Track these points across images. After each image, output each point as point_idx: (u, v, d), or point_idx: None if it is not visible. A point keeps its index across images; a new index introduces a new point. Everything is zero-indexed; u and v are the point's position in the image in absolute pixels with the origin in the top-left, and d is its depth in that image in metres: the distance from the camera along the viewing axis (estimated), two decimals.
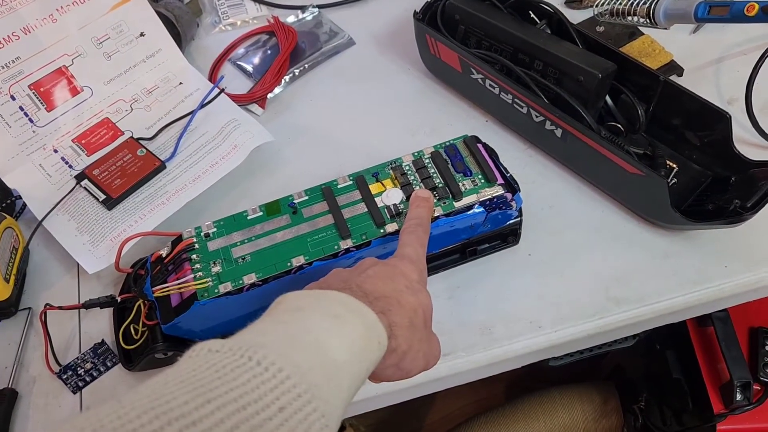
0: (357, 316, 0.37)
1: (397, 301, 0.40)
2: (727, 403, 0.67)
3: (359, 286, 0.40)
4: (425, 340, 0.42)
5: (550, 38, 0.63)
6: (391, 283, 0.41)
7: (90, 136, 0.64)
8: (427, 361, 0.43)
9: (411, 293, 0.41)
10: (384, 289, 0.40)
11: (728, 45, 0.71)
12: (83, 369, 0.54)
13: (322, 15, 0.78)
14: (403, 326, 0.39)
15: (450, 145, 0.56)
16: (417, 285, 0.42)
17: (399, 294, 0.40)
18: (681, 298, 0.56)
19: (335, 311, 0.36)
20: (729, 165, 0.58)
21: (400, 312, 0.39)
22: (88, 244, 0.58)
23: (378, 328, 0.37)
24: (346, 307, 0.37)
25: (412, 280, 0.42)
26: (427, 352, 0.42)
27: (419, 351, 0.41)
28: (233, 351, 0.30)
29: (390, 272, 0.42)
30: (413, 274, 0.43)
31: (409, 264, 0.44)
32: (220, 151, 0.62)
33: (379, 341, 0.37)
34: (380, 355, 0.37)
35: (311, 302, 0.37)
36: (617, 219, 0.60)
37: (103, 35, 0.66)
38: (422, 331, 0.41)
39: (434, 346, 0.44)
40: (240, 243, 0.52)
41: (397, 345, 0.39)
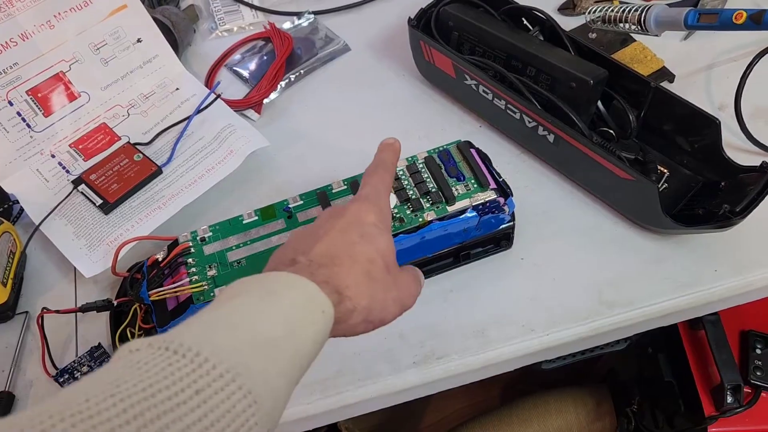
0: (294, 289, 0.36)
1: (349, 256, 0.39)
2: (718, 406, 0.68)
3: (305, 253, 0.39)
4: (392, 285, 0.41)
5: (542, 45, 0.63)
6: (342, 237, 0.40)
7: (87, 141, 0.65)
8: (401, 303, 0.42)
9: (365, 242, 0.40)
10: (333, 248, 0.39)
11: (719, 52, 0.72)
12: (80, 372, 0.55)
13: (317, 21, 0.79)
14: (357, 284, 0.38)
15: (443, 150, 0.57)
16: (373, 229, 0.41)
17: (351, 247, 0.40)
18: (672, 302, 0.56)
19: (270, 288, 0.36)
20: (719, 170, 0.59)
21: (353, 269, 0.39)
22: (84, 249, 0.58)
23: (319, 298, 0.36)
24: (282, 283, 0.36)
25: (367, 225, 0.41)
26: (397, 295, 0.41)
27: (386, 299, 0.40)
28: (152, 346, 0.30)
29: (343, 224, 0.41)
30: (369, 215, 0.42)
31: (365, 204, 0.43)
32: (216, 156, 0.63)
33: (322, 310, 0.36)
34: (328, 323, 0.36)
35: (248, 286, 0.36)
36: (609, 223, 0.61)
37: (101, 41, 0.66)
38: (384, 279, 0.40)
39: (406, 287, 0.43)
40: (235, 247, 0.52)
41: (355, 304, 0.38)
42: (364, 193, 0.44)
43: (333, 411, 0.54)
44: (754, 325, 0.73)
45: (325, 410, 0.53)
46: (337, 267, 0.38)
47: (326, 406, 0.53)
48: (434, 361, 0.54)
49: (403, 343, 0.55)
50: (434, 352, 0.55)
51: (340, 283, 0.38)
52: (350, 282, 0.38)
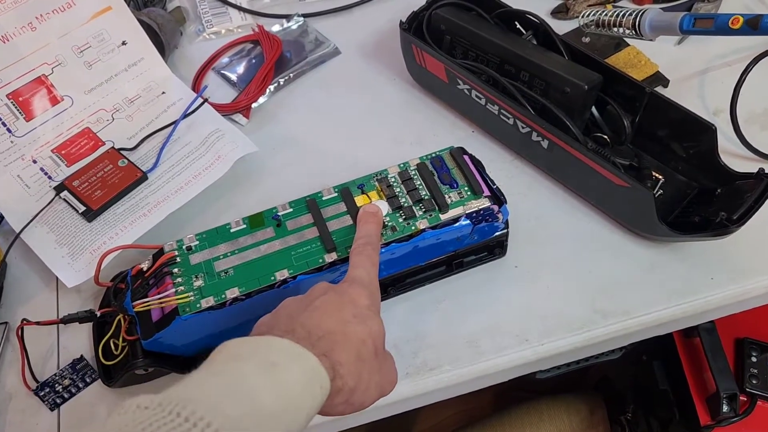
0: (296, 362, 0.36)
1: (344, 334, 0.39)
2: (714, 415, 0.67)
3: (303, 324, 0.39)
4: (376, 370, 0.41)
5: (536, 49, 0.62)
6: (338, 314, 0.40)
7: (70, 147, 0.63)
8: (381, 390, 0.42)
9: (359, 322, 0.40)
10: (329, 322, 0.39)
11: (713, 56, 0.72)
12: (61, 385, 0.53)
13: (307, 24, 0.78)
14: (349, 363, 0.38)
15: (436, 156, 0.56)
16: (366, 311, 0.41)
17: (345, 326, 0.40)
18: (667, 311, 0.55)
19: (273, 359, 0.35)
20: (715, 177, 0.58)
21: (346, 347, 0.39)
22: (67, 257, 0.57)
23: (319, 373, 0.36)
24: (284, 354, 0.36)
25: (361, 307, 0.42)
26: (379, 381, 0.41)
27: (369, 382, 0.40)
28: (162, 407, 0.30)
29: (338, 301, 0.41)
30: (363, 299, 0.42)
31: (359, 288, 0.43)
32: (203, 161, 0.61)
33: (320, 386, 0.36)
34: (322, 399, 0.36)
35: (249, 350, 0.36)
36: (604, 230, 0.60)
37: (84, 44, 0.64)
38: (372, 362, 0.40)
39: (388, 373, 0.43)
40: (223, 256, 0.51)
41: (344, 384, 0.38)
42: (357, 276, 0.44)
43: (325, 424, 0.52)
44: (750, 332, 0.73)
45: (317, 423, 0.52)
46: (332, 342, 0.38)
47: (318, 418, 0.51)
48: (426, 373, 0.53)
49: (396, 354, 0.53)
50: (426, 363, 0.53)
51: (336, 358, 0.38)
52: (344, 359, 0.38)
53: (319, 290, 0.43)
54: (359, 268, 0.45)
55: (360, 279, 0.44)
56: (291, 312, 0.41)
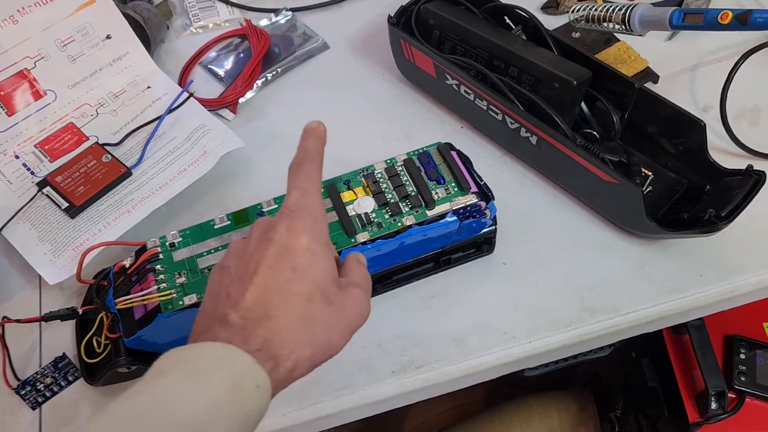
0: (222, 365, 0.33)
1: (284, 301, 0.36)
2: (702, 412, 0.67)
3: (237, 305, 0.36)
4: (336, 318, 0.37)
5: (525, 44, 0.62)
6: (273, 276, 0.36)
7: (53, 142, 0.62)
8: (350, 330, 0.38)
9: (299, 277, 0.36)
10: (266, 292, 0.36)
11: (704, 52, 0.71)
12: (43, 384, 0.52)
13: (295, 18, 0.77)
14: (296, 336, 0.35)
15: (423, 152, 0.55)
16: (305, 257, 0.37)
17: (285, 288, 0.36)
18: (656, 308, 0.55)
19: (198, 366, 0.33)
20: (704, 173, 0.58)
21: (289, 318, 0.35)
22: (49, 254, 0.56)
23: (252, 372, 0.33)
24: (209, 359, 0.34)
25: (299, 252, 0.37)
26: (344, 326, 0.38)
27: (331, 336, 0.37)
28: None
29: (273, 256, 0.37)
30: (300, 237, 0.37)
31: (294, 220, 0.38)
32: (188, 157, 0.61)
33: (257, 385, 0.33)
34: (264, 395, 0.34)
35: (174, 362, 0.34)
36: (593, 227, 0.59)
37: (68, 37, 0.64)
38: (326, 315, 0.37)
39: (351, 311, 0.38)
40: (206, 253, 0.50)
41: (295, 360, 0.35)
42: (291, 203, 0.39)
43: (309, 422, 0.52)
44: (739, 329, 0.72)
45: (301, 422, 0.51)
46: (272, 321, 0.35)
47: (301, 417, 0.51)
48: (413, 371, 0.53)
49: (382, 352, 0.53)
50: (413, 361, 0.53)
51: (276, 342, 0.35)
52: (287, 337, 0.35)
53: (256, 236, 0.39)
54: (294, 191, 0.40)
55: (294, 207, 0.39)
56: (231, 281, 0.37)
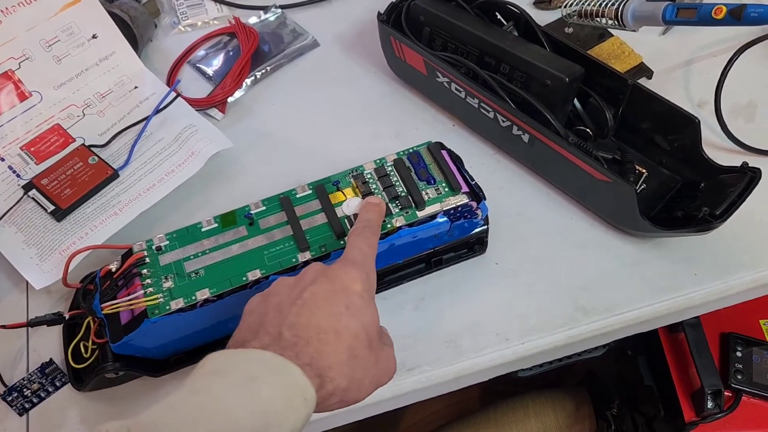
0: (276, 374, 0.35)
1: (335, 332, 0.38)
2: (699, 411, 0.66)
3: (291, 325, 0.37)
4: (371, 364, 0.39)
5: (517, 41, 0.61)
6: (328, 307, 0.39)
7: (39, 144, 0.61)
8: (377, 382, 0.40)
9: (351, 315, 0.39)
10: (319, 319, 0.38)
11: (698, 47, 0.70)
12: (30, 390, 0.52)
13: (285, 15, 0.76)
14: (340, 364, 0.37)
15: (413, 151, 0.55)
16: (359, 300, 0.40)
17: (337, 321, 0.38)
18: (650, 308, 0.54)
19: (252, 373, 0.35)
20: (698, 170, 0.57)
21: (337, 348, 0.37)
22: (35, 258, 0.55)
23: (301, 385, 0.35)
24: (264, 367, 0.35)
25: (354, 295, 0.40)
26: (375, 374, 0.40)
27: (364, 379, 0.39)
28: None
29: (329, 290, 0.40)
30: (356, 284, 0.40)
31: (352, 270, 0.41)
32: (176, 158, 0.60)
33: (304, 398, 0.35)
34: (308, 411, 0.35)
35: (228, 364, 0.36)
36: (586, 226, 0.59)
37: (53, 38, 0.63)
38: (366, 357, 0.39)
39: (384, 364, 0.41)
40: (193, 256, 0.49)
41: (335, 387, 0.37)
42: (351, 257, 0.43)
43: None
44: (735, 327, 0.72)
45: None
46: (321, 344, 0.37)
47: None
48: (405, 373, 0.52)
49: None
50: (404, 363, 0.52)
51: (323, 364, 0.36)
52: (333, 362, 0.37)
53: (311, 275, 0.41)
54: (354, 248, 0.43)
55: (354, 259, 0.42)
56: (281, 303, 0.39)
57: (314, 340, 0.37)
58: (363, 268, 0.42)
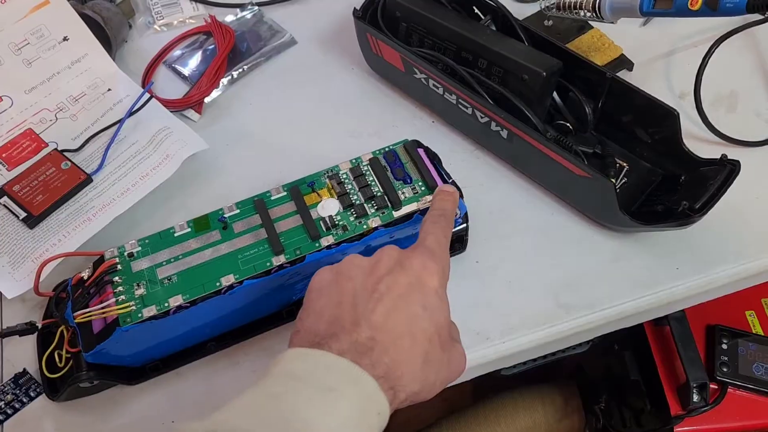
0: (354, 386, 0.35)
1: (411, 336, 0.37)
2: (684, 405, 0.66)
3: (368, 322, 0.37)
4: (444, 365, 0.39)
5: (494, 35, 0.60)
6: (405, 307, 0.38)
7: (11, 149, 0.60)
8: (447, 381, 0.40)
9: (427, 316, 0.38)
10: (396, 321, 0.37)
11: (678, 37, 0.70)
12: (3, 401, 0.51)
13: (262, 13, 0.75)
14: (413, 372, 0.37)
15: (389, 150, 0.54)
16: (435, 299, 0.39)
17: (413, 323, 0.38)
18: (632, 303, 0.54)
19: (331, 383, 0.34)
20: (679, 163, 0.57)
21: (412, 353, 0.37)
22: (7, 266, 0.54)
23: (377, 399, 0.35)
24: (343, 377, 0.35)
25: (431, 293, 0.39)
26: (446, 375, 0.40)
27: (436, 381, 0.39)
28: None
29: (406, 285, 0.39)
30: (433, 278, 0.40)
31: (430, 261, 0.40)
32: (150, 161, 0.59)
33: (378, 412, 0.35)
34: (381, 425, 0.35)
35: (307, 369, 0.35)
36: (566, 222, 0.58)
37: (22, 40, 0.61)
38: (439, 359, 0.39)
39: (455, 363, 0.41)
40: (166, 262, 0.48)
41: (407, 394, 0.37)
42: (429, 244, 0.42)
43: None
44: (720, 319, 0.71)
45: None
46: (397, 352, 0.37)
47: None
48: None
49: None
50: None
51: (397, 374, 0.36)
52: (406, 371, 0.37)
53: (386, 262, 0.40)
54: (431, 236, 0.42)
55: (431, 249, 0.41)
56: (356, 293, 0.39)
57: (391, 348, 0.37)
58: (440, 260, 0.41)
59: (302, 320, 0.40)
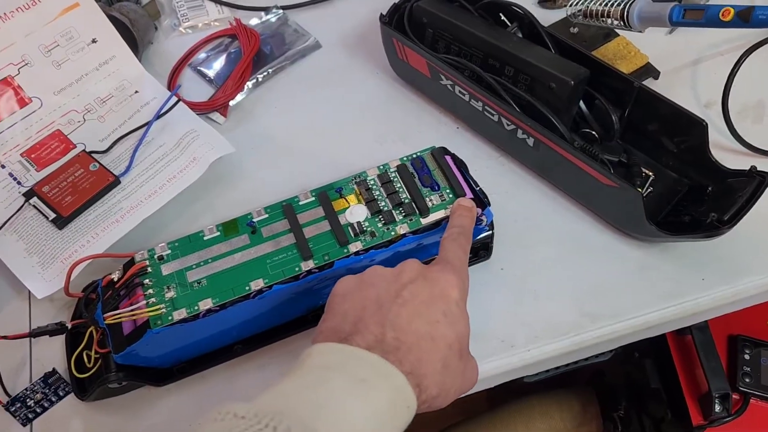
0: (385, 380, 0.36)
1: (432, 340, 0.38)
2: (706, 415, 0.66)
3: (393, 325, 0.38)
4: (459, 374, 0.40)
5: (521, 42, 0.60)
6: (428, 312, 0.39)
7: (40, 150, 0.61)
8: (461, 391, 0.41)
9: (448, 324, 0.40)
10: (419, 324, 0.39)
11: (705, 46, 0.69)
12: (33, 400, 0.51)
13: (286, 16, 0.75)
14: (434, 374, 0.38)
15: (417, 157, 0.54)
16: (455, 308, 0.41)
17: (434, 328, 0.39)
18: (657, 313, 0.54)
19: (362, 375, 0.35)
20: (706, 173, 0.56)
21: (433, 357, 0.38)
22: (37, 267, 0.55)
23: (406, 393, 0.36)
24: (374, 370, 0.36)
25: (452, 302, 0.41)
26: (461, 384, 0.41)
27: (451, 388, 0.39)
28: (258, 418, 0.31)
29: (429, 292, 0.40)
30: (454, 290, 0.41)
31: (450, 274, 0.42)
32: (177, 164, 0.59)
33: (407, 405, 0.36)
34: (409, 418, 0.36)
35: (339, 361, 0.37)
36: (592, 231, 0.58)
37: (52, 42, 0.62)
38: (456, 367, 0.40)
39: (470, 375, 0.42)
40: (195, 266, 0.49)
41: (427, 396, 0.37)
42: (449, 259, 0.43)
43: None
44: (742, 329, 0.71)
45: None
46: (421, 352, 0.38)
47: None
48: None
49: None
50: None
51: (421, 372, 0.37)
52: (429, 371, 0.38)
53: (409, 272, 0.42)
54: (451, 252, 0.44)
55: (452, 263, 0.43)
56: (380, 297, 0.40)
57: (415, 348, 0.38)
58: (460, 274, 0.42)
59: (326, 321, 0.41)
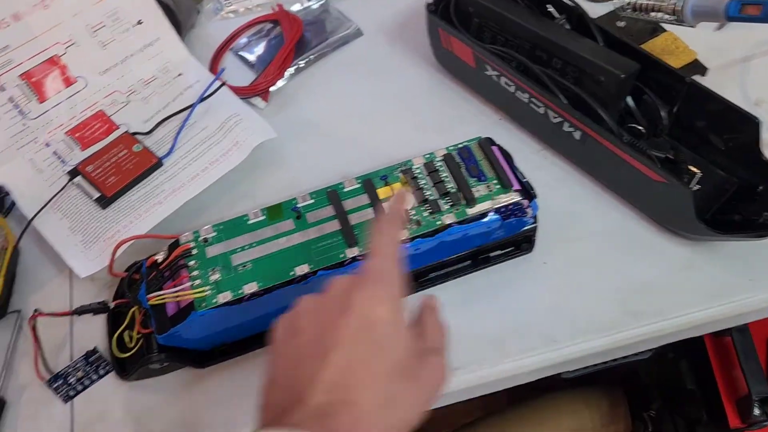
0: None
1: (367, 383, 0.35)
2: (744, 418, 0.65)
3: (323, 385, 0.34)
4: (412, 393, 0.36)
5: (569, 34, 0.59)
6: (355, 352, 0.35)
7: (84, 130, 0.61)
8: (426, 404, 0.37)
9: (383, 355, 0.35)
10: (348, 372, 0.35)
11: (755, 42, 0.68)
12: (74, 377, 0.52)
13: (328, 3, 0.75)
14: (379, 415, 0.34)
15: (464, 147, 0.53)
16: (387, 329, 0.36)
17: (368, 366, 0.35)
18: (702, 313, 0.53)
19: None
20: (756, 172, 0.55)
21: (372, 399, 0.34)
22: (80, 245, 0.55)
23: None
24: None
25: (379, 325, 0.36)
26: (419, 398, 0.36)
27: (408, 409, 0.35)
28: None
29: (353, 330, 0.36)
30: (379, 308, 0.36)
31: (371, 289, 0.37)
32: (220, 147, 0.59)
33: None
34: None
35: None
36: (637, 227, 0.57)
37: (98, 23, 0.62)
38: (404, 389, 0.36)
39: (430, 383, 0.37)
40: (240, 249, 0.49)
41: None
42: (372, 268, 0.38)
43: None
44: None
45: None
46: (356, 407, 0.34)
47: None
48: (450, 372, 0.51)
49: None
50: (450, 362, 0.51)
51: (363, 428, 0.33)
52: (369, 423, 0.34)
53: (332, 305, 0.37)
54: (376, 256, 0.39)
55: (372, 273, 0.38)
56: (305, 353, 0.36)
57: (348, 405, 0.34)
58: (386, 278, 0.38)
59: (264, 390, 0.37)
